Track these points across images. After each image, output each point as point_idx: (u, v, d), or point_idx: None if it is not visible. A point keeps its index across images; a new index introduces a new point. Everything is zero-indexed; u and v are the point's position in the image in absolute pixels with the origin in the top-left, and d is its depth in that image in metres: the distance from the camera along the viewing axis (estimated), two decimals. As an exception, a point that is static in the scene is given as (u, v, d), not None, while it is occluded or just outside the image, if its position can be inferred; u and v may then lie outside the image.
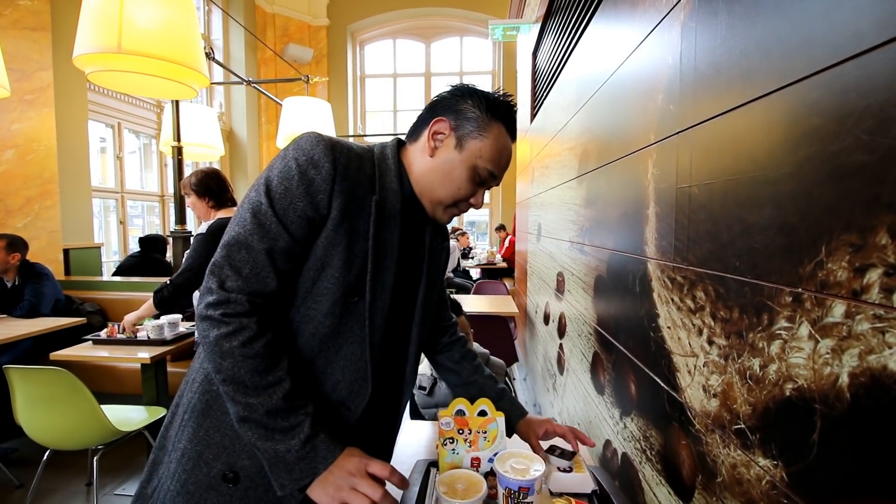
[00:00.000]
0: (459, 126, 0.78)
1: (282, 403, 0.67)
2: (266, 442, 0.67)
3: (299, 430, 0.67)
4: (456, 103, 0.79)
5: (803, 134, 0.51)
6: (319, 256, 0.72)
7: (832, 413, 0.46)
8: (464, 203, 0.82)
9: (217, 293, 0.68)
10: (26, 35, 3.43)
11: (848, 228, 0.44)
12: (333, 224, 0.71)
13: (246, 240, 0.69)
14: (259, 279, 0.69)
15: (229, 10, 6.73)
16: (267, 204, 0.69)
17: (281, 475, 0.67)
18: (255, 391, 0.67)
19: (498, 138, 0.78)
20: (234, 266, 0.68)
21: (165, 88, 1.96)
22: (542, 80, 2.75)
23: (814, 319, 0.49)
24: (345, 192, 0.72)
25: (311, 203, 0.70)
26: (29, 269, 2.83)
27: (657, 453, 0.92)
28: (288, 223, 0.69)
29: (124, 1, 1.60)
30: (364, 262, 0.74)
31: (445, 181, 0.79)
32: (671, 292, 0.85)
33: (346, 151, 0.74)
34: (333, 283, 0.72)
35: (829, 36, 0.47)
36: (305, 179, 0.70)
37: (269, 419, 0.66)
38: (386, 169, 0.79)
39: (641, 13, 1.03)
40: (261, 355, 0.67)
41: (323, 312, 0.73)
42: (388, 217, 0.77)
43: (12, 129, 3.35)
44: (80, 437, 1.84)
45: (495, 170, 0.79)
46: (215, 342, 0.67)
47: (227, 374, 0.67)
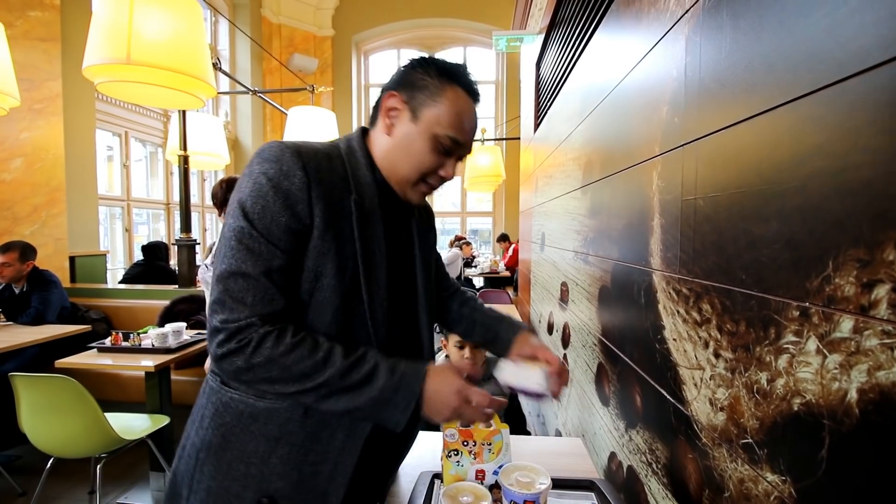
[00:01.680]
0: (412, 97, 0.75)
1: (346, 362, 0.66)
2: (358, 399, 0.66)
3: (378, 369, 0.67)
4: (406, 76, 0.76)
5: (809, 149, 0.51)
6: (311, 267, 0.70)
7: (841, 429, 0.46)
8: (432, 176, 0.78)
9: (226, 328, 0.65)
10: (36, 45, 3.48)
11: (855, 244, 0.44)
12: (319, 232, 0.69)
13: (239, 268, 0.66)
14: (265, 302, 0.66)
15: (236, 20, 6.82)
16: (248, 227, 0.67)
17: (390, 414, 0.67)
18: (317, 371, 0.65)
19: (455, 102, 0.74)
20: (236, 298, 0.66)
21: (173, 98, 1.98)
22: (546, 90, 2.76)
23: (821, 334, 0.49)
24: (323, 197, 0.69)
25: (292, 215, 0.68)
26: (38, 277, 2.85)
27: (663, 467, 0.91)
28: (276, 240, 0.67)
29: (134, 13, 1.63)
30: (356, 264, 0.72)
31: (406, 157, 0.76)
32: (677, 304, 0.84)
33: (314, 154, 0.72)
34: (331, 292, 0.70)
35: (835, 52, 0.47)
36: (280, 192, 0.67)
37: (346, 381, 0.66)
38: (356, 163, 0.77)
39: (646, 26, 1.04)
40: (297, 343, 0.66)
41: (326, 323, 0.71)
42: (370, 213, 0.75)
43: (21, 138, 3.39)
44: (84, 445, 1.83)
45: (458, 135, 0.75)
46: (248, 365, 0.65)
47: (283, 378, 0.65)
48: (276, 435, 0.71)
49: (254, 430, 0.72)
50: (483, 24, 7.73)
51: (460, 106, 0.75)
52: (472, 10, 7.82)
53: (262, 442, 0.71)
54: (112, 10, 1.62)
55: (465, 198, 8.84)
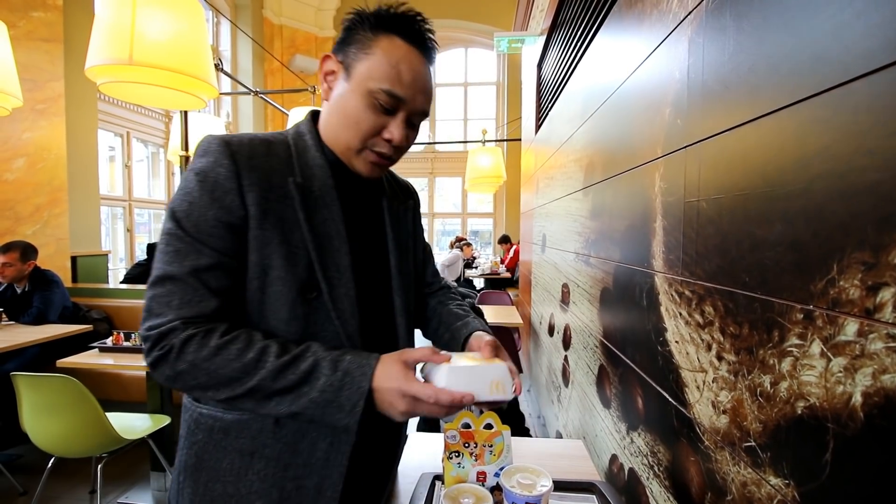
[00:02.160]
0: (346, 55, 0.68)
1: (279, 361, 0.60)
2: (299, 401, 0.60)
3: (318, 366, 0.61)
4: (342, 36, 0.70)
5: (814, 151, 0.51)
6: (256, 261, 0.65)
7: (845, 433, 0.46)
8: (376, 140, 0.69)
9: (149, 335, 0.60)
10: (39, 46, 3.49)
11: (860, 246, 0.44)
12: (256, 221, 0.64)
13: (166, 272, 0.61)
14: (192, 304, 0.61)
15: (238, 21, 6.83)
16: (175, 226, 0.62)
17: (335, 417, 0.60)
18: (248, 374, 0.59)
19: (389, 51, 0.66)
20: (162, 302, 0.61)
21: (175, 99, 1.98)
22: (547, 91, 2.76)
23: (826, 337, 0.48)
24: (257, 184, 0.64)
25: (221, 207, 0.63)
26: (40, 277, 2.85)
27: (665, 469, 0.91)
28: (205, 237, 0.62)
29: (136, 14, 1.63)
30: (308, 251, 0.66)
31: (343, 119, 0.69)
32: (679, 306, 0.84)
33: (247, 141, 0.67)
34: (283, 285, 0.65)
35: (839, 54, 0.47)
36: (206, 185, 0.63)
37: (281, 382, 0.60)
38: (304, 146, 0.72)
39: (648, 28, 1.04)
40: (225, 344, 0.60)
41: (285, 320, 0.66)
42: (321, 195, 0.69)
43: (24, 138, 3.40)
44: (85, 444, 1.83)
45: (395, 88, 0.66)
46: (174, 373, 0.60)
47: (213, 384, 0.60)
48: (250, 449, 0.67)
49: (226, 445, 0.67)
50: (484, 25, 7.74)
51: (396, 55, 0.66)
52: (474, 11, 7.83)
53: (236, 458, 0.67)
54: (114, 11, 1.62)
55: (466, 199, 8.84)
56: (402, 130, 0.69)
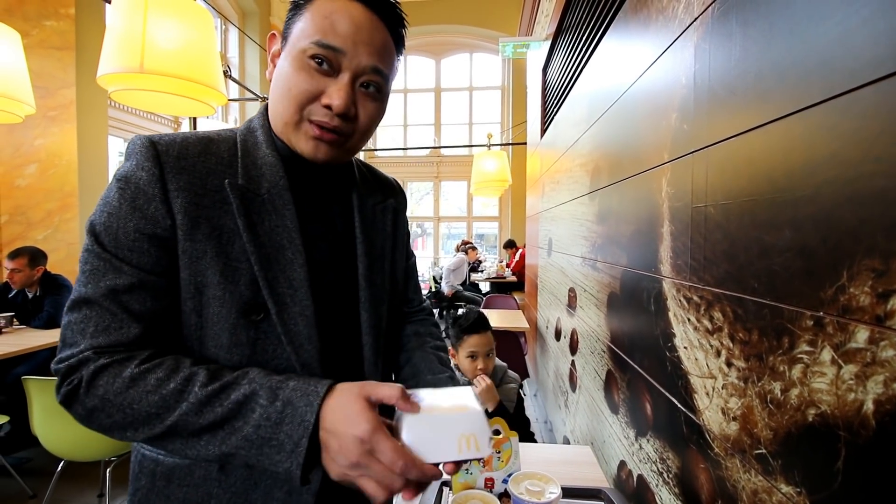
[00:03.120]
0: (286, 28, 0.60)
1: (205, 391, 0.50)
2: (230, 439, 0.49)
3: (254, 396, 0.49)
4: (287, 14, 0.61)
5: (822, 157, 0.51)
6: (188, 278, 0.55)
7: (857, 441, 0.45)
8: (313, 107, 0.57)
9: (57, 370, 0.52)
10: (51, 54, 3.55)
11: (870, 253, 0.44)
12: (185, 232, 0.55)
13: (81, 294, 0.53)
14: (109, 331, 0.52)
15: (245, 28, 6.90)
16: (92, 241, 0.54)
17: (274, 459, 0.48)
18: (168, 408, 0.49)
19: (322, 6, 0.57)
20: (76, 329, 0.52)
21: (184, 106, 2.01)
22: (553, 95, 2.77)
23: (836, 344, 0.48)
24: (186, 189, 0.55)
25: (143, 217, 0.54)
26: (51, 281, 2.89)
27: (674, 476, 0.90)
28: (124, 253, 0.53)
29: (147, 23, 1.65)
30: (250, 265, 0.57)
31: (278, 91, 0.59)
32: (687, 312, 0.84)
33: (180, 140, 0.58)
34: (221, 306, 0.56)
35: (847, 61, 0.47)
36: (127, 192, 0.54)
37: (207, 416, 0.49)
38: (254, 143, 0.62)
39: (654, 34, 1.04)
40: (140, 375, 0.50)
41: (226, 347, 0.56)
42: (269, 199, 0.59)
43: (35, 145, 3.45)
44: (94, 448, 1.85)
45: (326, 38, 0.55)
46: (86, 412, 0.51)
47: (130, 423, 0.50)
48: (196, 500, 0.57)
49: (169, 494, 0.58)
50: (489, 30, 7.76)
51: (329, 7, 0.56)
52: (479, 16, 7.85)
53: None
54: (126, 21, 1.65)
55: (472, 203, 8.85)
56: (345, 92, 0.56)
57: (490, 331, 1.60)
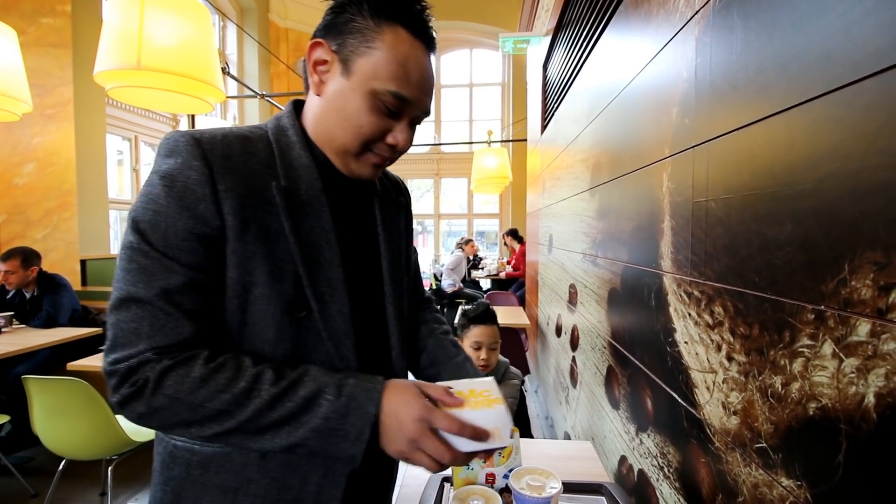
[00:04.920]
0: (341, 45, 0.59)
1: (276, 389, 0.53)
2: (298, 431, 0.53)
3: (321, 392, 0.54)
4: (334, 18, 0.60)
5: (824, 150, 0.50)
6: (236, 278, 0.57)
7: (858, 434, 0.45)
8: (379, 144, 0.62)
9: (117, 370, 0.52)
10: (48, 52, 3.53)
11: (872, 246, 0.44)
12: (235, 233, 0.56)
13: (130, 293, 0.53)
14: (165, 331, 0.53)
15: (244, 25, 6.88)
16: (139, 240, 0.54)
17: (340, 447, 0.54)
18: (240, 405, 0.52)
19: (395, 46, 0.58)
20: (128, 329, 0.52)
21: (183, 103, 2.00)
22: (553, 91, 2.76)
23: (837, 338, 0.48)
24: (234, 189, 0.56)
25: (192, 216, 0.54)
26: (48, 281, 2.88)
27: (675, 471, 0.90)
28: (174, 252, 0.54)
29: (144, 19, 1.64)
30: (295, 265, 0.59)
31: (341, 120, 0.61)
32: (688, 307, 0.84)
33: (221, 139, 0.58)
34: (268, 304, 0.58)
35: (850, 53, 0.47)
36: (175, 191, 0.54)
37: (278, 412, 0.53)
38: (287, 143, 0.63)
39: (654, 27, 1.04)
40: (211, 373, 0.53)
41: (271, 343, 0.59)
42: (307, 201, 0.61)
43: (33, 143, 3.45)
44: (95, 446, 1.85)
45: (402, 90, 0.59)
46: (151, 410, 0.52)
47: (198, 420, 0.53)
48: (234, 485, 0.60)
49: (205, 481, 0.60)
50: (489, 26, 7.73)
51: (403, 52, 0.58)
52: (478, 12, 7.82)
53: (218, 495, 0.60)
54: (122, 17, 1.64)
55: (472, 200, 8.84)
56: (407, 134, 0.63)
57: (496, 325, 1.62)
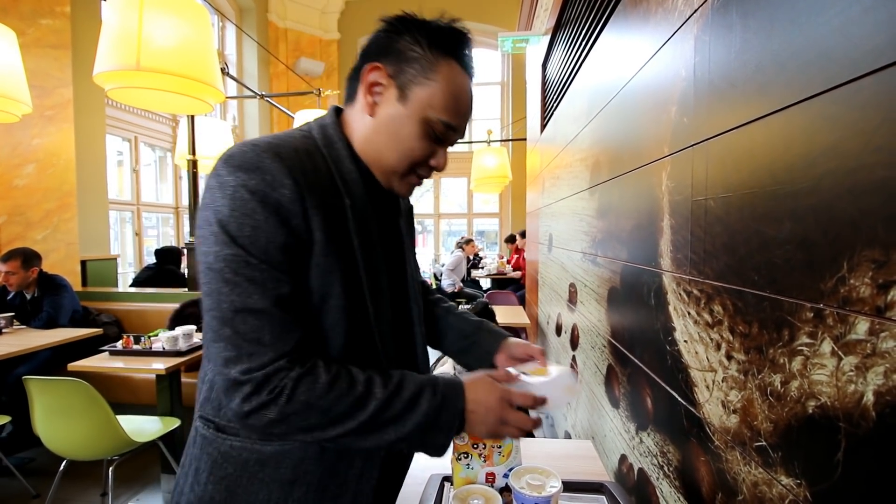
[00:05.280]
0: (399, 71, 0.64)
1: (387, 391, 0.61)
2: (404, 427, 0.61)
3: (420, 393, 0.62)
4: (391, 42, 0.65)
5: (822, 148, 0.50)
6: (317, 288, 0.61)
7: (857, 432, 0.45)
8: (422, 167, 0.69)
9: (251, 379, 0.55)
10: (47, 53, 3.53)
11: (870, 244, 0.44)
12: (321, 248, 0.60)
13: (245, 304, 0.56)
14: (285, 339, 0.57)
15: (243, 25, 6.88)
16: (243, 253, 0.56)
17: (435, 438, 0.63)
18: (362, 408, 0.59)
19: (450, 80, 0.63)
20: (251, 339, 0.56)
21: (182, 104, 2.00)
22: (553, 90, 2.76)
23: (836, 336, 0.48)
24: (318, 206, 0.60)
25: (288, 232, 0.58)
26: (48, 281, 2.89)
27: (675, 469, 0.90)
28: (276, 263, 0.57)
29: (143, 20, 1.65)
30: (359, 277, 0.64)
31: (394, 144, 0.65)
32: (688, 306, 0.84)
33: (294, 154, 0.61)
34: (340, 313, 0.62)
35: (848, 51, 0.47)
36: (269, 206, 0.57)
37: (391, 411, 0.60)
38: (337, 157, 0.66)
39: (653, 26, 1.04)
40: (333, 381, 0.59)
41: (338, 346, 0.64)
42: (364, 216, 0.66)
43: (33, 144, 3.45)
44: (96, 447, 1.85)
45: (453, 120, 0.65)
46: (283, 416, 0.56)
47: (324, 423, 0.59)
48: (290, 478, 0.65)
49: (263, 477, 0.64)
50: (488, 25, 7.73)
51: (456, 85, 0.64)
52: (477, 11, 7.82)
53: (276, 488, 0.64)
54: (122, 18, 1.64)
55: (472, 199, 8.84)
56: (446, 156, 0.71)
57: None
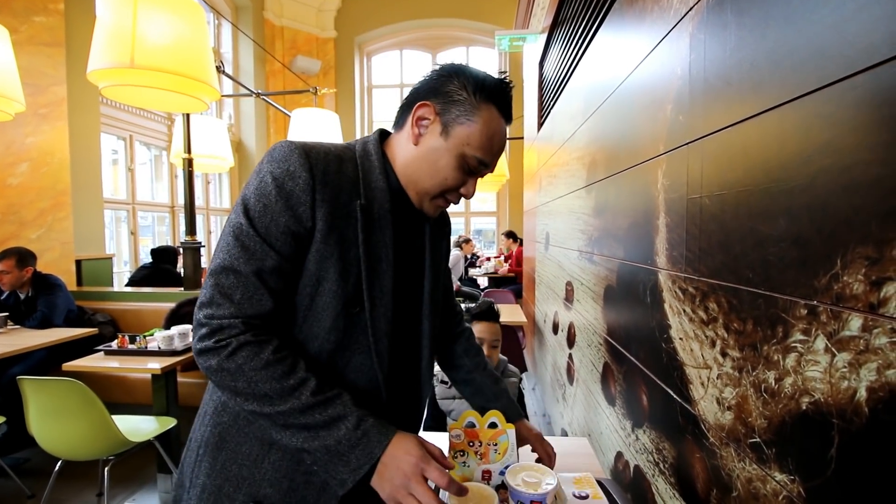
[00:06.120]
0: (445, 110, 0.72)
1: (313, 399, 0.64)
2: (313, 441, 0.64)
3: (344, 418, 0.64)
4: (441, 85, 0.73)
5: (817, 146, 0.50)
6: (313, 271, 0.69)
7: (850, 428, 0.46)
8: (453, 193, 0.77)
9: (209, 324, 0.64)
10: (41, 51, 3.50)
11: (864, 241, 0.44)
12: (322, 236, 0.68)
13: (232, 264, 0.65)
14: (253, 302, 0.65)
15: (239, 23, 6.84)
16: (247, 224, 0.66)
17: (338, 469, 0.64)
18: (281, 398, 0.63)
19: (488, 123, 0.72)
20: (224, 293, 0.64)
21: (177, 102, 1.99)
22: (549, 89, 2.76)
23: (830, 333, 0.48)
24: (328, 201, 0.68)
25: (293, 217, 0.66)
26: (42, 281, 2.86)
27: (670, 466, 0.91)
28: (273, 241, 0.66)
29: (137, 17, 1.63)
30: (359, 270, 0.71)
31: (431, 171, 0.74)
32: (683, 303, 0.84)
33: (324, 156, 0.70)
34: (332, 297, 0.69)
35: (842, 48, 0.47)
36: (283, 193, 0.66)
37: (306, 418, 0.64)
38: (370, 167, 0.75)
39: (649, 25, 1.04)
40: (272, 362, 0.64)
41: (326, 328, 0.70)
42: (378, 218, 0.73)
43: (27, 143, 3.42)
44: (92, 447, 1.84)
45: (486, 157, 0.74)
46: (219, 368, 0.64)
47: (246, 393, 0.64)
48: (270, 440, 0.71)
49: (249, 432, 0.71)
50: (485, 23, 7.72)
51: (493, 128, 0.73)
52: (474, 9, 7.81)
53: (256, 445, 0.71)
54: (116, 15, 1.63)
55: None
56: (476, 187, 0.78)
57: (499, 323, 1.62)
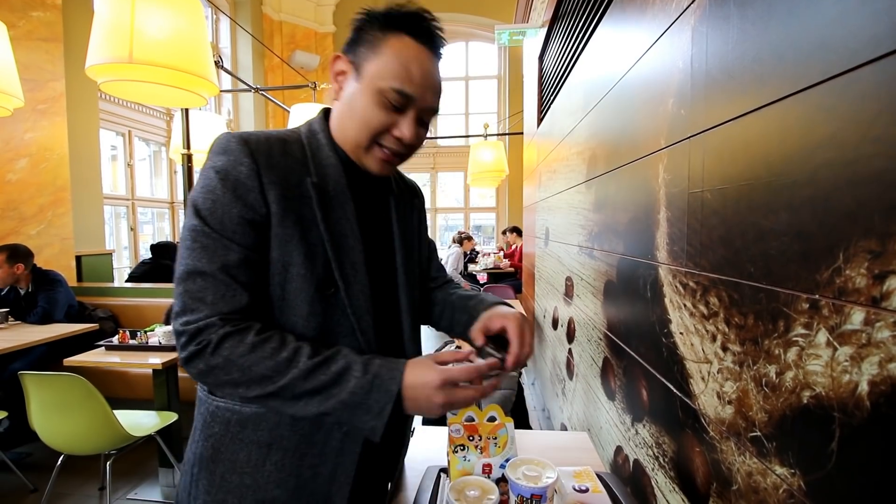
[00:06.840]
0: (356, 54, 0.70)
1: (311, 362, 0.62)
2: (328, 401, 0.62)
3: (349, 369, 0.63)
4: (352, 36, 0.71)
5: (819, 139, 0.50)
6: (277, 257, 0.67)
7: (851, 422, 0.46)
8: (386, 137, 0.71)
9: (186, 330, 0.62)
10: (39, 46, 3.49)
11: (866, 235, 0.44)
12: (277, 219, 0.66)
13: (196, 267, 0.63)
14: (227, 299, 0.63)
15: (237, 18, 6.81)
16: (201, 224, 0.64)
17: (363, 419, 0.62)
18: (280, 373, 0.62)
19: (400, 51, 0.68)
20: (196, 297, 0.63)
21: (176, 97, 1.98)
22: (549, 84, 2.75)
23: (832, 326, 0.48)
24: (276, 183, 0.66)
25: (244, 205, 0.64)
26: (42, 276, 2.87)
27: (670, 460, 0.91)
28: (230, 234, 0.64)
29: (136, 12, 1.62)
30: (325, 249, 0.69)
31: (352, 117, 0.70)
32: (683, 298, 0.84)
33: (265, 140, 0.69)
34: (303, 281, 0.67)
35: (846, 41, 0.46)
36: (229, 183, 0.64)
37: (311, 382, 0.62)
38: (317, 145, 0.73)
39: (650, 18, 1.03)
40: (258, 343, 0.62)
41: (304, 315, 0.68)
42: (335, 195, 0.71)
43: (26, 139, 3.41)
44: (94, 442, 1.85)
45: (404, 86, 0.67)
46: (208, 367, 0.62)
47: (245, 381, 0.62)
48: (268, 441, 0.69)
49: (243, 437, 0.69)
50: (485, 18, 7.69)
51: (406, 54, 0.68)
52: (474, 4, 7.77)
53: (254, 449, 0.69)
54: (114, 10, 1.62)
55: (469, 193, 8.83)
56: (413, 128, 0.71)
57: None
